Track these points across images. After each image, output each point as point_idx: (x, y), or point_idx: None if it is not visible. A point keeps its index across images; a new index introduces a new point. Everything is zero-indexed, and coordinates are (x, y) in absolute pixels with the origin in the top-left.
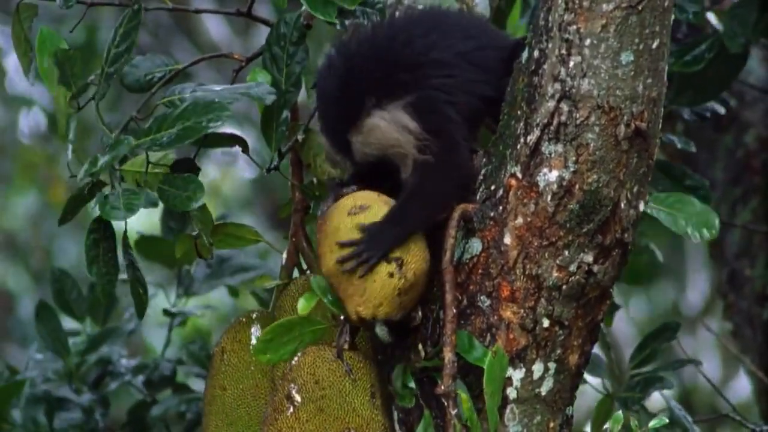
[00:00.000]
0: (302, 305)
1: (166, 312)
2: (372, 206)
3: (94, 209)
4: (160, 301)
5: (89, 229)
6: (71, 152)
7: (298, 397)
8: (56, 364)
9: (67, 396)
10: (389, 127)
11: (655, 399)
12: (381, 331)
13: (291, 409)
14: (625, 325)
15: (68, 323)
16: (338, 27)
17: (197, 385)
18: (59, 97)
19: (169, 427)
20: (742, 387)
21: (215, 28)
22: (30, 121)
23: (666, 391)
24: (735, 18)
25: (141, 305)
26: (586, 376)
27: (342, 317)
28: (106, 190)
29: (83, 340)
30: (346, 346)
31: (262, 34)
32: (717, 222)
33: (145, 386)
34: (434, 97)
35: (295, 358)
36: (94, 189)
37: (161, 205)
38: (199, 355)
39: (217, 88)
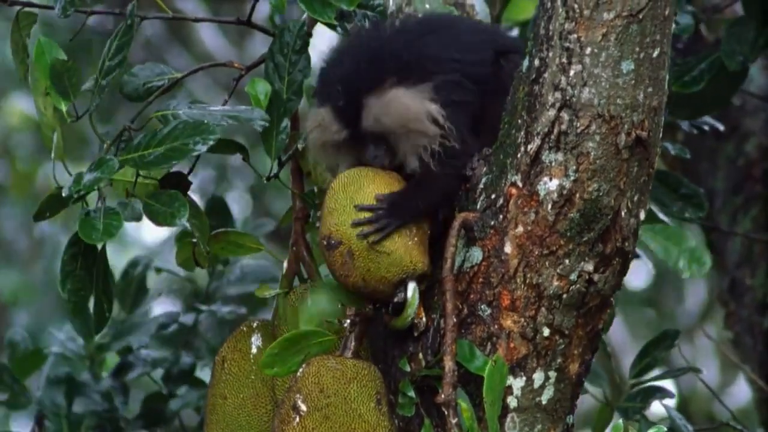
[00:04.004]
0: (303, 321)
1: (194, 308)
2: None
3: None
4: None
5: (68, 243)
6: (55, 164)
7: (303, 407)
8: (77, 345)
9: (87, 381)
10: (417, 105)
11: (657, 408)
12: (415, 287)
13: (297, 419)
14: (622, 332)
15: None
16: (338, 31)
17: None
18: (46, 108)
19: (182, 422)
20: (740, 394)
21: (210, 38)
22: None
23: (667, 401)
24: (733, 36)
25: (101, 321)
26: (586, 386)
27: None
28: (91, 199)
29: (109, 327)
30: (349, 354)
31: (256, 43)
32: (708, 260)
33: (164, 379)
34: (450, 91)
35: (300, 369)
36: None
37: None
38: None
39: (212, 108)
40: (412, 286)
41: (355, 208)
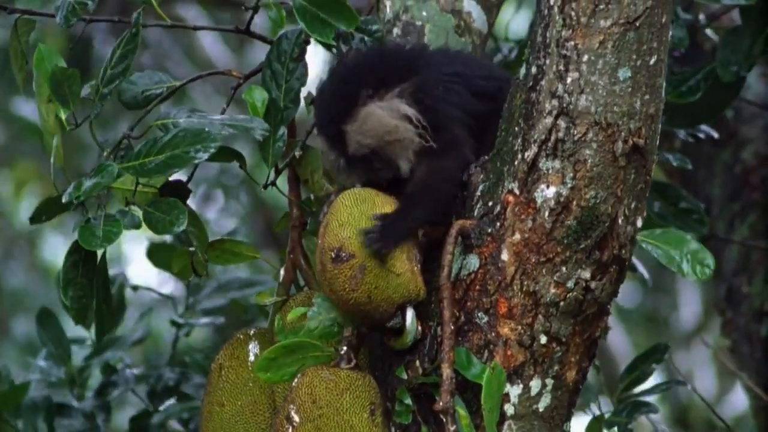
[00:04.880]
0: (290, 317)
1: (173, 322)
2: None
3: (75, 232)
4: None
5: (69, 251)
6: (56, 172)
7: (296, 418)
8: (59, 370)
9: (68, 402)
10: (385, 114)
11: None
12: (413, 314)
13: (290, 430)
14: (622, 342)
15: (79, 331)
16: (334, 52)
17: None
18: (48, 115)
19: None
20: (738, 401)
21: (210, 45)
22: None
23: (653, 415)
24: (727, 46)
25: (102, 328)
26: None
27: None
28: (90, 206)
29: (89, 346)
30: (344, 364)
31: (256, 51)
32: (711, 261)
33: (149, 396)
34: (431, 86)
35: (295, 380)
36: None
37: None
38: (204, 364)
39: (213, 116)
40: (410, 314)
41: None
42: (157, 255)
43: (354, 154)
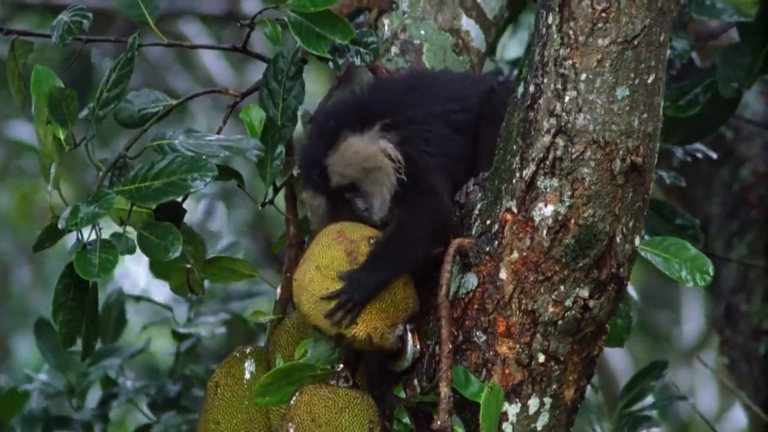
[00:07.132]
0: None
1: (175, 334)
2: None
3: (70, 255)
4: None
5: (62, 274)
6: (52, 196)
7: None
8: (58, 381)
9: (67, 413)
10: (368, 145)
11: None
12: (412, 336)
13: None
14: (621, 358)
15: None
16: (331, 66)
17: None
18: (46, 137)
19: None
20: (738, 418)
21: (211, 62)
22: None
23: (654, 430)
24: (728, 63)
25: (88, 348)
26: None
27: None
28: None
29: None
30: (342, 383)
31: (258, 67)
32: (711, 268)
33: (150, 408)
34: (412, 141)
35: (293, 398)
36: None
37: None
38: (204, 377)
39: (208, 137)
40: (410, 336)
41: (319, 299)
42: (159, 266)
43: (337, 186)
